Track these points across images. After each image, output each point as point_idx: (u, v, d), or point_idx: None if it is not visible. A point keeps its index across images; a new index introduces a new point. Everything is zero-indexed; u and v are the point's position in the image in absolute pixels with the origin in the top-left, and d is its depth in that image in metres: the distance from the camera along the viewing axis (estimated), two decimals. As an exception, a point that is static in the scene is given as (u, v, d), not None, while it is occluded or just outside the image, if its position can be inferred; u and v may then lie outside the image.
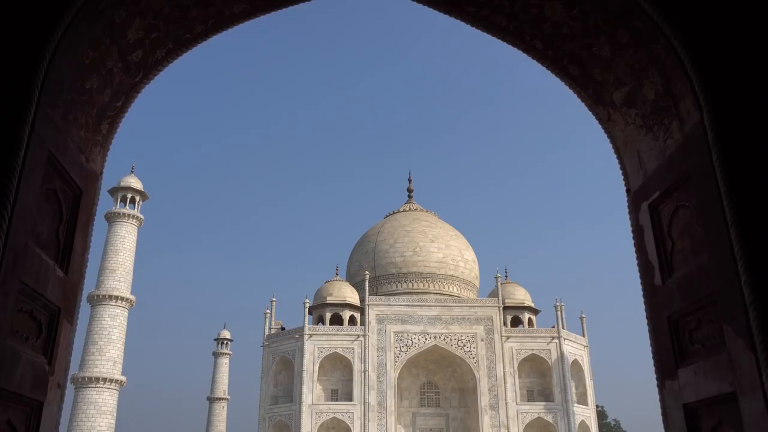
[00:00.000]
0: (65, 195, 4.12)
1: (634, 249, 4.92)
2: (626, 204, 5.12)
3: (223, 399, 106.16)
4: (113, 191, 65.51)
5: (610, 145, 5.41)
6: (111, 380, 58.54)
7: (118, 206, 65.21)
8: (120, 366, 60.33)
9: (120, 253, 63.19)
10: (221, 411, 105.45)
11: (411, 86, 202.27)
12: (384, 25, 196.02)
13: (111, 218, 64.47)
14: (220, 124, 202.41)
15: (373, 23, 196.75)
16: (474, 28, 5.03)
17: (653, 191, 4.56)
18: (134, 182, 66.71)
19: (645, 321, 4.70)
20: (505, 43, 5.10)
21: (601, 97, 5.03)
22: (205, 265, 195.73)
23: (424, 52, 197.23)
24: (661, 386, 4.37)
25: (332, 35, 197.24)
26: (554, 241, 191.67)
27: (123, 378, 59.90)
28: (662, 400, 4.35)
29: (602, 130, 5.42)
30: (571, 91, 5.29)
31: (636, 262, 4.87)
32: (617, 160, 5.31)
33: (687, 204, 4.14)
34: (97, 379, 57.98)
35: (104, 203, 65.90)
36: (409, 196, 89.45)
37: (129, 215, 64.73)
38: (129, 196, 65.83)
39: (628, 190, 5.10)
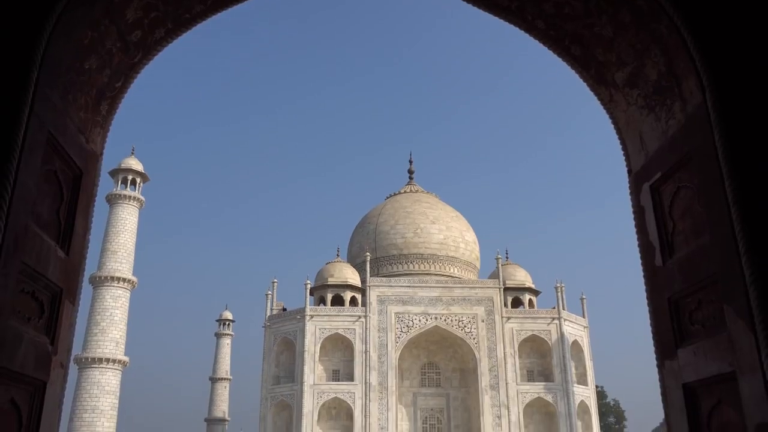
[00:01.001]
0: (65, 176, 4.12)
1: (635, 230, 4.93)
2: (627, 185, 5.12)
3: (225, 379, 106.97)
4: (114, 173, 65.48)
5: (612, 127, 5.39)
6: (114, 360, 58.96)
7: (119, 188, 65.20)
8: (123, 347, 60.73)
9: (121, 235, 63.33)
10: (223, 391, 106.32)
11: (412, 70, 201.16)
12: (385, 10, 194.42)
13: (112, 200, 64.51)
14: (220, 107, 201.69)
15: (374, 8, 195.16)
16: (476, 9, 4.99)
17: (655, 172, 4.55)
18: (135, 164, 66.64)
19: (645, 302, 4.72)
20: (507, 26, 5.06)
21: (603, 77, 5.00)
22: (206, 246, 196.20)
23: (425, 35, 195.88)
24: (660, 366, 4.39)
25: (334, 20, 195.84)
26: (555, 223, 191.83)
27: (126, 358, 60.32)
28: (662, 380, 4.37)
29: (604, 112, 5.39)
30: (573, 71, 5.26)
31: (637, 243, 4.88)
32: (619, 141, 5.29)
33: (688, 185, 4.13)
34: (100, 360, 58.40)
35: (105, 185, 65.93)
36: (410, 178, 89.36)
37: (130, 197, 64.75)
38: (130, 177, 65.79)
39: (629, 171, 5.09)
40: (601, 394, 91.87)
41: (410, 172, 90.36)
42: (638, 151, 4.89)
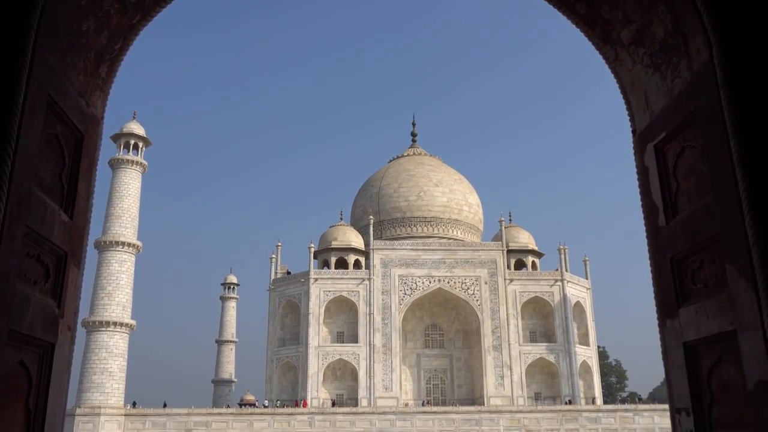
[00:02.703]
0: (67, 139, 4.10)
1: (638, 191, 4.91)
2: (632, 146, 5.08)
3: (231, 342, 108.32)
4: (116, 137, 65.24)
5: (617, 88, 5.32)
6: (121, 324, 59.69)
7: (121, 153, 65.04)
8: (129, 310, 61.39)
9: (125, 200, 63.41)
10: (230, 353, 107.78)
11: (416, 32, 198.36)
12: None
13: (114, 165, 64.41)
14: (223, 72, 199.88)
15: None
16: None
17: (659, 132, 4.51)
18: (137, 128, 66.31)
19: (648, 263, 4.73)
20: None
21: (608, 35, 4.92)
22: (210, 211, 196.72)
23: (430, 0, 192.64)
24: (662, 325, 4.42)
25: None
26: (559, 185, 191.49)
27: (132, 322, 61.02)
28: (663, 339, 4.41)
29: (609, 75, 5.32)
30: (578, 29, 5.17)
31: (640, 203, 4.86)
32: (624, 101, 5.23)
33: (693, 144, 4.10)
34: (108, 323, 59.11)
35: (107, 150, 65.77)
36: (413, 141, 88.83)
37: (132, 161, 64.61)
38: (132, 142, 65.55)
39: (633, 131, 5.05)
40: (602, 355, 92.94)
41: (413, 134, 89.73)
42: (643, 111, 4.84)
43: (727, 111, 3.54)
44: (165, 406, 60.23)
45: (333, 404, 63.68)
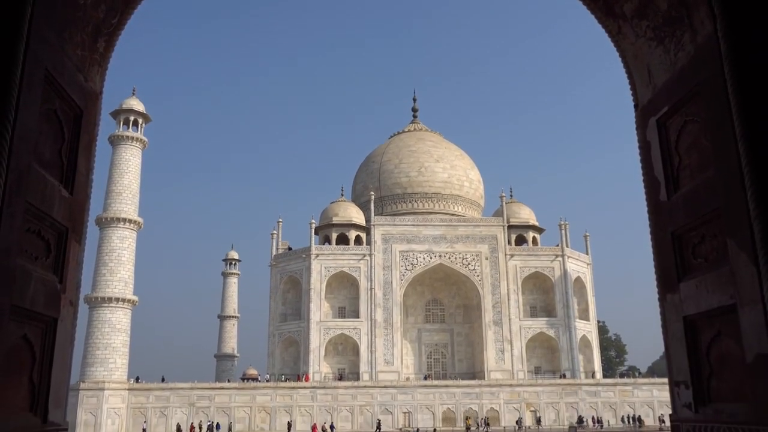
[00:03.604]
0: (66, 115, 4.08)
1: (640, 166, 4.89)
2: (634, 121, 5.05)
3: (233, 317, 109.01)
4: (115, 114, 64.90)
5: (620, 62, 5.27)
6: (123, 300, 60.00)
7: (121, 129, 64.74)
8: (131, 286, 61.66)
9: (125, 176, 63.32)
10: (232, 328, 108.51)
11: (417, 8, 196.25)
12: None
13: (114, 141, 64.17)
14: (223, 48, 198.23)
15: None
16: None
17: (662, 106, 4.48)
18: (136, 104, 65.93)
19: (648, 238, 4.73)
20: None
21: (611, 8, 4.87)
22: (211, 187, 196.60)
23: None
24: (662, 300, 4.44)
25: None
26: (560, 160, 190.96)
27: (135, 298, 61.33)
28: (663, 313, 4.43)
29: (612, 50, 5.25)
30: (581, 3, 5.11)
31: (642, 178, 4.85)
32: (626, 76, 5.19)
33: (696, 118, 4.07)
34: (110, 299, 59.43)
35: (107, 127, 65.50)
36: (414, 116, 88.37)
37: (132, 138, 64.38)
38: (131, 118, 65.22)
39: (636, 106, 5.01)
40: (602, 329, 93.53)
41: (414, 110, 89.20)
42: (645, 85, 4.80)
43: (730, 84, 3.50)
44: (163, 380, 60.78)
45: (340, 378, 64.17)
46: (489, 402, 60.28)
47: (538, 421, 59.09)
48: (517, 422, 57.93)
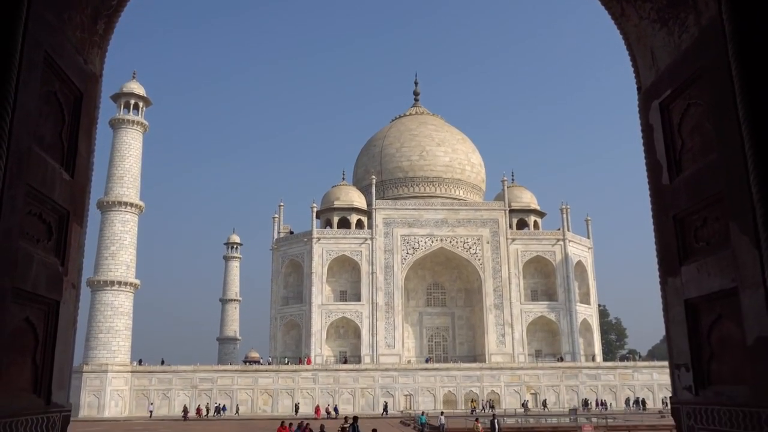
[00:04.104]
0: (66, 97, 4.06)
1: (642, 150, 4.86)
2: (636, 104, 5.01)
3: (235, 300, 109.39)
4: (116, 97, 64.67)
5: (623, 45, 5.22)
6: (125, 283, 60.23)
7: (121, 112, 64.58)
8: (133, 270, 61.85)
9: (126, 160, 63.25)
10: (234, 312, 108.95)
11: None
12: None
13: (115, 125, 64.02)
14: (224, 31, 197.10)
15: None
16: None
17: (665, 89, 4.45)
18: (137, 88, 65.68)
19: (650, 222, 4.72)
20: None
21: (615, -11, 4.82)
22: (212, 170, 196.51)
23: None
24: (663, 283, 4.44)
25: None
26: (562, 145, 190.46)
27: (137, 281, 61.54)
28: (664, 296, 4.43)
29: (615, 33, 5.21)
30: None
31: (644, 162, 4.83)
32: (629, 58, 5.15)
33: (699, 102, 4.04)
34: (112, 282, 59.64)
35: (108, 110, 65.32)
36: (416, 100, 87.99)
37: (133, 121, 64.22)
38: (132, 102, 65.02)
39: (639, 89, 4.97)
40: (603, 313, 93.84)
41: (416, 94, 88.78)
42: (649, 68, 4.77)
43: (734, 67, 3.48)
44: (162, 363, 61.14)
45: (345, 361, 64.41)
46: (490, 385, 60.66)
47: (544, 403, 59.49)
48: (523, 405, 58.37)
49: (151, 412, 56.21)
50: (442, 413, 38.88)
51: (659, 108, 4.55)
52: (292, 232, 72.94)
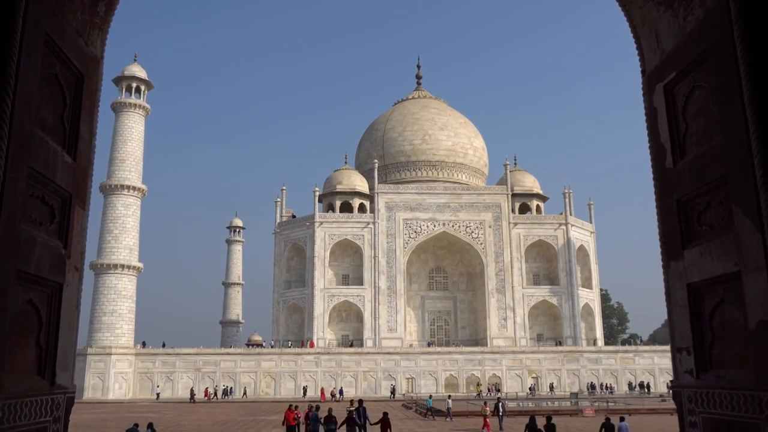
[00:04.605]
0: (67, 80, 4.04)
1: (646, 133, 4.84)
2: (641, 87, 4.98)
3: (237, 284, 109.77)
4: (117, 81, 64.44)
5: (627, 28, 5.17)
6: (128, 267, 60.41)
7: (123, 96, 64.39)
8: (136, 253, 62.01)
9: (129, 143, 63.17)
10: (236, 295, 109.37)
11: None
12: None
13: (117, 108, 63.86)
14: (226, 14, 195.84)
15: None
16: None
17: (669, 72, 4.41)
18: (138, 71, 65.42)
19: (653, 206, 4.70)
20: None
21: (620, -29, 4.77)
22: (215, 154, 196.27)
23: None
24: (666, 267, 4.43)
25: None
26: (565, 129, 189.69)
27: (140, 264, 61.71)
28: (667, 280, 4.43)
29: (620, 15, 5.16)
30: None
31: (648, 145, 4.80)
32: (633, 41, 5.10)
33: (703, 84, 4.01)
34: (115, 266, 59.83)
35: (110, 93, 65.13)
36: (418, 83, 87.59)
37: (135, 105, 64.06)
38: (134, 85, 64.79)
39: (643, 72, 4.94)
40: (605, 297, 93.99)
41: (418, 77, 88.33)
42: (653, 50, 4.73)
43: (739, 49, 3.44)
44: (164, 345, 61.47)
45: (351, 344, 64.64)
46: (491, 368, 60.94)
47: (551, 387, 59.79)
48: (530, 389, 58.69)
49: (158, 394, 56.62)
50: (449, 396, 39.02)
51: (663, 91, 4.52)
52: (294, 216, 73.03)
